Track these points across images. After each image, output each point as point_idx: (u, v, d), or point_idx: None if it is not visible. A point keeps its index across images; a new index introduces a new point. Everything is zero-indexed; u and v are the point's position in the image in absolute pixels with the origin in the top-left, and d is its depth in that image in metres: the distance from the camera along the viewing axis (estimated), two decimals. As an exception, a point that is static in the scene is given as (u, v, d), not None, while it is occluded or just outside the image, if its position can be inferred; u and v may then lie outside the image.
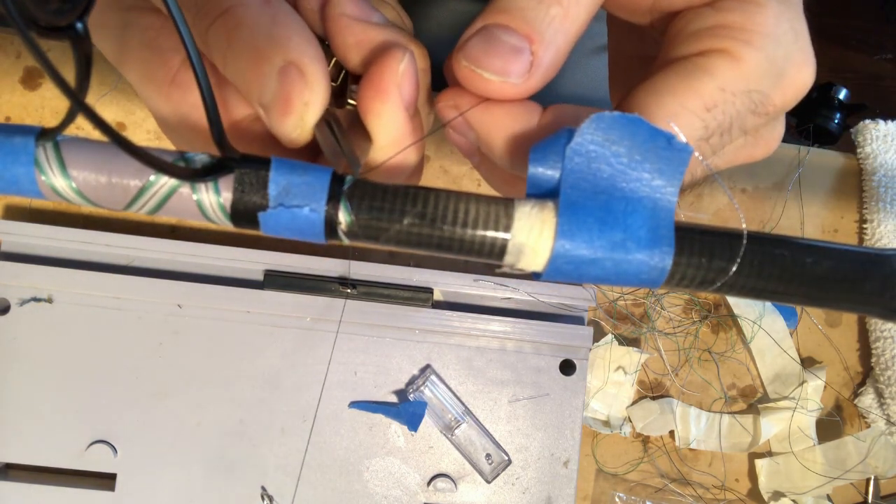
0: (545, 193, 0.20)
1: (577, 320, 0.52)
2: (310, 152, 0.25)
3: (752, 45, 0.21)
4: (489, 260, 0.20)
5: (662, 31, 0.24)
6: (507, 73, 0.21)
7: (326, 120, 0.22)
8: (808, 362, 0.57)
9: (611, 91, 0.34)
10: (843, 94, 1.04)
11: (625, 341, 0.56)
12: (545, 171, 0.20)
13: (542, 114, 0.22)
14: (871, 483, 0.56)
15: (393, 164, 0.23)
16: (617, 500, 0.55)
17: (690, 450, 0.56)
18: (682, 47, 0.22)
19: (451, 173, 0.56)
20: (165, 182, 0.19)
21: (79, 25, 0.16)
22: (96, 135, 0.17)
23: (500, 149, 0.22)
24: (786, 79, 0.22)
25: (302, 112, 0.21)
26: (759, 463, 0.56)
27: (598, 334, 0.55)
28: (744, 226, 0.20)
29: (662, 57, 0.23)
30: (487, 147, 0.23)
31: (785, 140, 0.26)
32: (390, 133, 0.23)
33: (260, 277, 0.50)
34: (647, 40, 0.28)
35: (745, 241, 0.19)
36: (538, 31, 0.21)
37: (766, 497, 0.55)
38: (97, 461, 0.48)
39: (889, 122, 0.59)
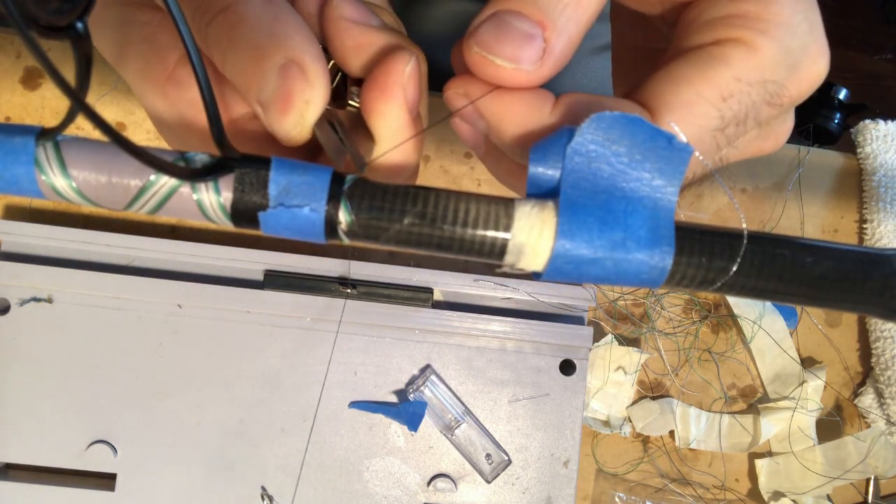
0: (545, 193, 0.20)
1: (577, 320, 0.52)
2: (307, 152, 0.25)
3: (767, 34, 0.21)
4: (489, 260, 0.20)
5: (672, 22, 0.24)
6: (519, 60, 0.21)
7: (329, 120, 0.22)
8: (808, 362, 0.57)
9: (615, 85, 0.34)
10: (843, 94, 1.04)
11: (625, 341, 0.56)
12: (545, 171, 0.20)
13: (555, 103, 0.22)
14: (871, 483, 0.56)
15: (393, 164, 0.23)
16: (617, 500, 0.55)
17: (690, 450, 0.56)
18: (696, 36, 0.22)
19: (451, 173, 0.56)
20: (166, 182, 0.19)
21: (79, 25, 0.16)
22: (96, 134, 0.17)
23: (512, 138, 0.22)
24: (801, 70, 0.22)
25: (302, 110, 0.21)
26: (759, 463, 0.56)
27: (598, 334, 0.55)
28: (744, 225, 0.20)
29: (675, 47, 0.23)
30: (498, 136, 0.23)
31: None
32: (393, 134, 0.23)
33: (260, 277, 0.50)
34: (653, 32, 0.28)
35: (745, 241, 0.19)
36: (550, 18, 0.21)
37: (766, 497, 0.55)
38: (97, 461, 0.48)
39: (889, 122, 0.59)
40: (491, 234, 0.19)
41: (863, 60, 1.67)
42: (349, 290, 0.49)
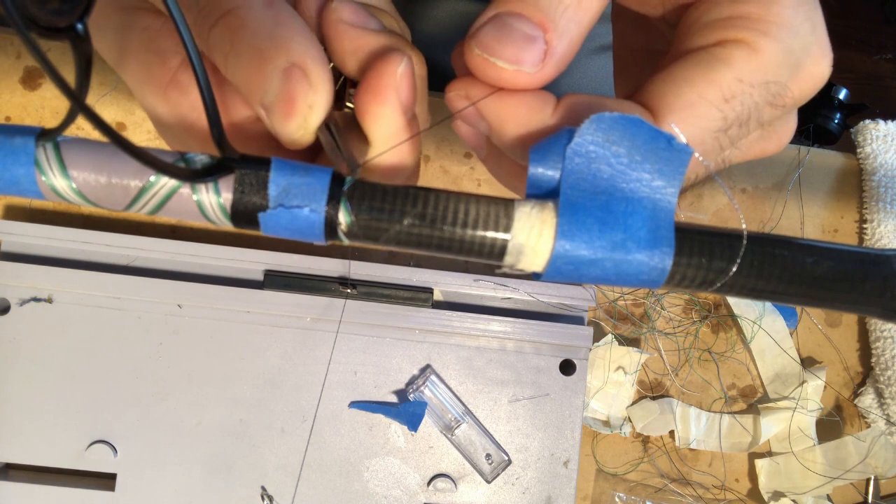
0: (545, 194, 0.20)
1: (577, 320, 0.52)
2: (307, 153, 0.25)
3: (769, 35, 0.21)
4: (489, 260, 0.20)
5: (674, 23, 0.24)
6: (520, 62, 0.21)
7: (326, 122, 0.22)
8: (808, 362, 0.57)
9: (616, 87, 0.34)
10: (843, 94, 1.04)
11: (625, 341, 0.56)
12: (545, 172, 0.20)
13: (557, 104, 0.22)
14: (871, 483, 0.56)
15: (389, 166, 0.23)
16: (617, 500, 0.55)
17: (690, 450, 0.56)
18: (697, 38, 0.22)
19: (451, 173, 0.56)
20: (166, 183, 0.19)
21: (79, 26, 0.16)
22: (96, 135, 0.17)
23: (513, 139, 0.22)
24: (803, 70, 0.22)
25: (306, 114, 0.21)
26: (759, 463, 0.56)
27: (598, 334, 0.55)
28: (744, 226, 0.20)
29: (676, 48, 0.23)
30: (499, 138, 0.23)
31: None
32: (387, 135, 0.22)
33: (260, 277, 0.50)
34: (654, 34, 0.28)
35: (744, 242, 0.19)
36: (552, 20, 0.21)
37: (766, 497, 0.55)
38: (97, 461, 0.48)
39: (889, 122, 0.59)
40: (491, 234, 0.19)
41: (863, 60, 1.67)
42: (349, 290, 0.49)
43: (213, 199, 0.19)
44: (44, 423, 0.48)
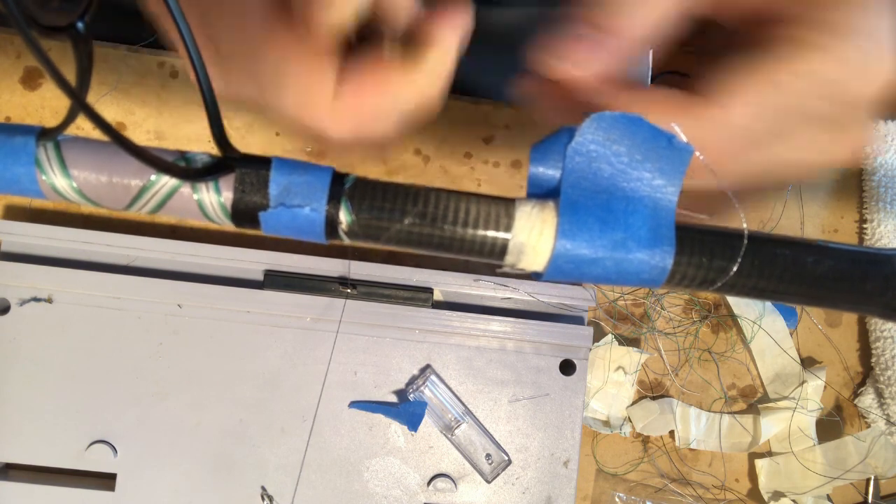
0: (546, 193, 0.20)
1: (577, 320, 0.52)
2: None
3: (830, 33, 0.22)
4: (490, 260, 0.20)
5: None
6: (571, 59, 0.24)
7: None
8: (808, 362, 0.57)
9: None
10: (842, 95, 1.04)
11: (625, 341, 0.56)
12: (546, 171, 0.20)
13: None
14: (871, 483, 0.56)
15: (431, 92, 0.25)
16: (617, 500, 0.55)
17: (690, 450, 0.56)
18: (758, 34, 0.24)
19: (451, 173, 0.56)
20: (166, 182, 0.19)
21: (80, 25, 0.16)
22: (97, 134, 0.17)
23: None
24: (869, 71, 0.23)
25: None
26: (759, 463, 0.56)
27: (598, 334, 0.55)
28: (744, 226, 0.20)
29: (738, 44, 0.24)
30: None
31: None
32: (441, 63, 0.24)
33: (260, 277, 0.50)
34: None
35: (745, 241, 0.19)
36: (606, 23, 0.24)
37: (766, 497, 0.55)
38: (97, 461, 0.48)
39: (889, 122, 0.59)
40: (491, 234, 0.19)
41: (862, 60, 1.67)
42: (349, 290, 0.49)
43: (214, 199, 0.19)
44: (44, 423, 0.48)
